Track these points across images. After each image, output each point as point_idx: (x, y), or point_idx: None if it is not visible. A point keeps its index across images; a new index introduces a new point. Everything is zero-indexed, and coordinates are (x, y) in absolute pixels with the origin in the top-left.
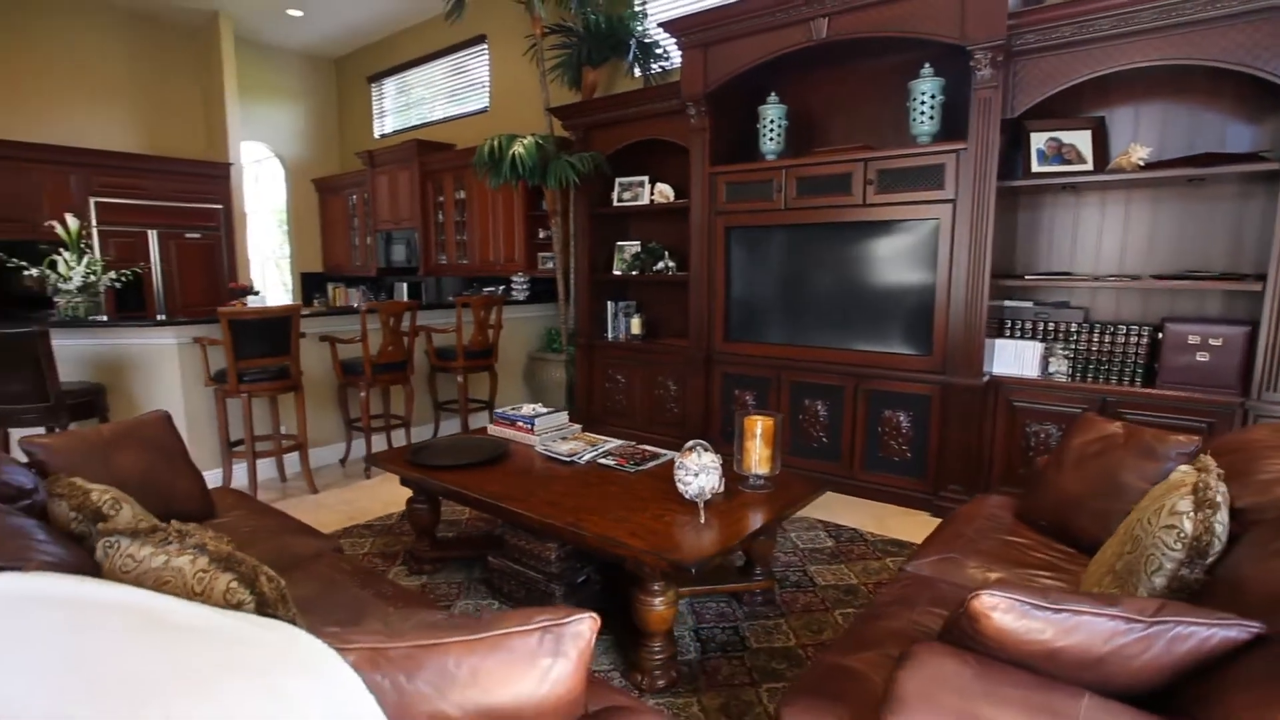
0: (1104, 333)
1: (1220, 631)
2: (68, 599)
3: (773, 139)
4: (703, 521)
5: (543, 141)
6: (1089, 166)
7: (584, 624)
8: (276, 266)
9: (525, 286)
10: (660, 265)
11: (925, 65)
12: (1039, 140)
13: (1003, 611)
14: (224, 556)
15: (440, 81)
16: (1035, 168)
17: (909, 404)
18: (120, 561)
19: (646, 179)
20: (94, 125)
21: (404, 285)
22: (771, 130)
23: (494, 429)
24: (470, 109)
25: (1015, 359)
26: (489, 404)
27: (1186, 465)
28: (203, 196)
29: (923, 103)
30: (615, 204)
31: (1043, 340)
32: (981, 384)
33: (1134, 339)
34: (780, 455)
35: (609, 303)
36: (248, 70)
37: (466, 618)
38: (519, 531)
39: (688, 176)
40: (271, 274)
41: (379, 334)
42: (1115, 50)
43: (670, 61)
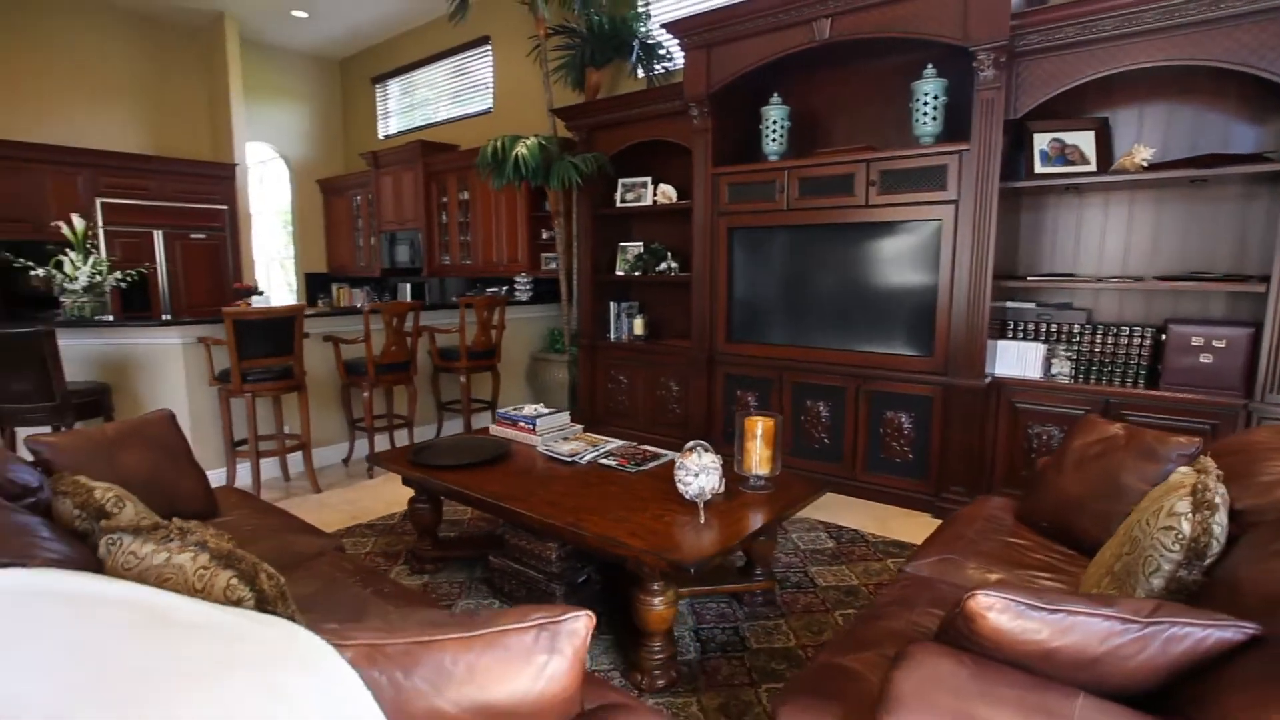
0: (1107, 334)
1: (1216, 632)
2: (71, 595)
3: (775, 140)
4: (703, 522)
5: (546, 142)
6: (1092, 167)
7: (579, 621)
8: (281, 267)
9: (528, 287)
10: (663, 266)
11: (928, 66)
12: (1042, 141)
13: (998, 611)
14: (224, 554)
15: (444, 82)
16: (1038, 169)
17: (911, 405)
18: (122, 558)
19: (649, 180)
20: (99, 126)
21: (408, 286)
22: (774, 131)
23: (496, 429)
24: (474, 110)
25: (1018, 360)
26: (492, 404)
27: (1186, 467)
28: (208, 197)
29: (925, 103)
30: (618, 205)
31: (1045, 342)
32: (983, 385)
33: (1137, 340)
34: (781, 456)
35: (612, 303)
36: (252, 71)
37: (464, 615)
38: (520, 531)
39: (690, 177)
40: (276, 274)
41: (382, 334)
42: (1119, 51)
43: (673, 62)
